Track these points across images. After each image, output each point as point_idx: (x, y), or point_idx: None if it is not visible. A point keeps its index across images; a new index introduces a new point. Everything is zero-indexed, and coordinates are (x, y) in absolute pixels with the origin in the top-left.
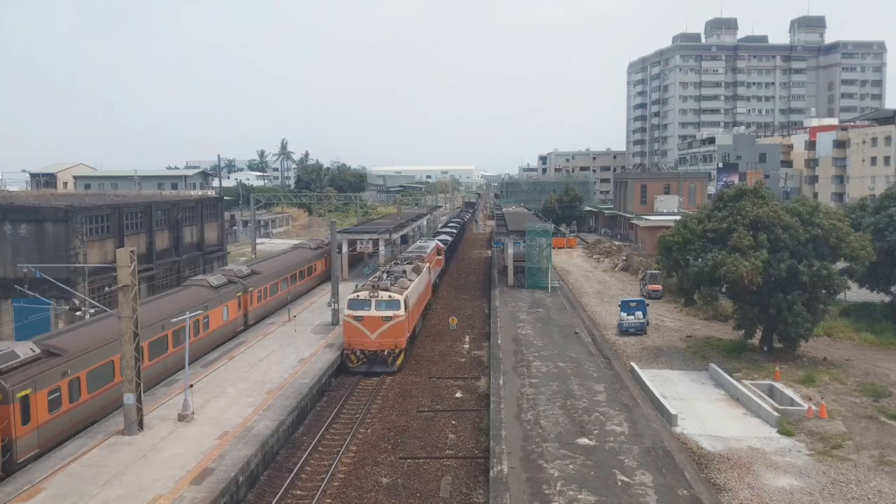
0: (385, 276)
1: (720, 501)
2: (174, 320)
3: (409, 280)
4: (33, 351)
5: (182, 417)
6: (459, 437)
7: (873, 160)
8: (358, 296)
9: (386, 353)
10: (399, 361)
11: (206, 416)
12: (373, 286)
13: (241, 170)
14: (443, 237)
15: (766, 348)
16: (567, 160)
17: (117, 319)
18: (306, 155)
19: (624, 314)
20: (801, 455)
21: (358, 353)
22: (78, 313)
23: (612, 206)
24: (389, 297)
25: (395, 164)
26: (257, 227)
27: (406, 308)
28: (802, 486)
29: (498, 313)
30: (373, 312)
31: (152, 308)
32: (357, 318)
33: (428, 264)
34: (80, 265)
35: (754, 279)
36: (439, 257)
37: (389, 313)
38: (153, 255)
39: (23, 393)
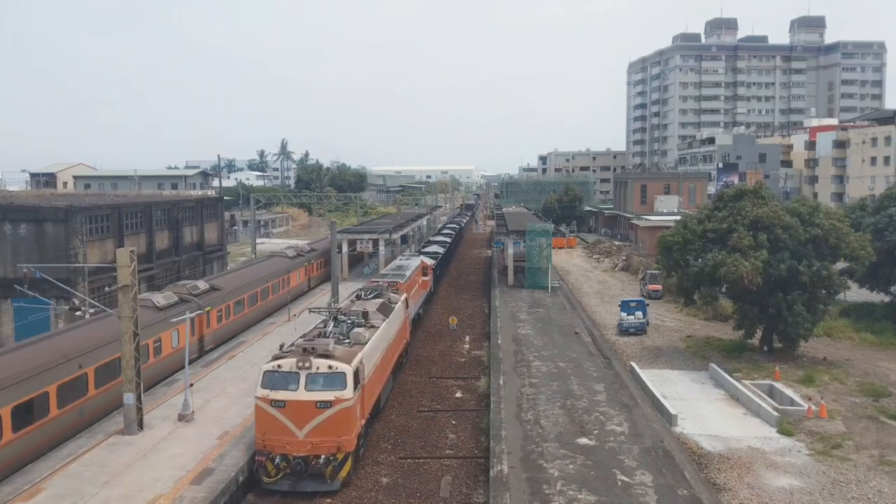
0: (333, 323)
1: (720, 501)
2: (100, 353)
3: (371, 329)
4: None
5: (182, 417)
6: (459, 436)
7: (873, 160)
8: (279, 365)
9: (322, 460)
10: (344, 473)
11: (207, 415)
12: (304, 349)
13: (241, 170)
14: (432, 249)
15: (766, 348)
16: (567, 160)
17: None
18: (306, 155)
19: (624, 314)
20: (801, 455)
21: (277, 459)
22: (78, 313)
23: (612, 206)
24: (330, 368)
25: (395, 164)
26: (257, 227)
27: (357, 383)
28: (802, 486)
29: (498, 313)
30: (302, 395)
31: (67, 341)
32: (276, 404)
33: (406, 294)
34: (80, 265)
35: (754, 279)
36: (425, 278)
37: (329, 396)
38: (153, 255)
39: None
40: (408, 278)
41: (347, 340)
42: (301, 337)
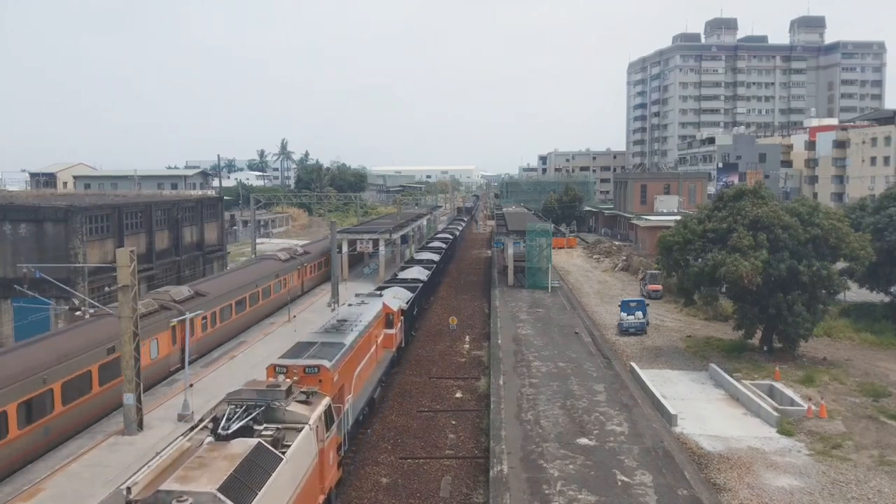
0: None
1: (720, 501)
2: (71, 366)
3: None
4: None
5: (182, 417)
6: (459, 437)
7: (873, 160)
8: None
9: None
10: None
11: None
12: None
13: (241, 170)
14: (413, 273)
15: (765, 348)
16: (567, 160)
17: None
18: (306, 155)
19: (624, 314)
20: (801, 455)
21: None
22: (77, 313)
23: (612, 206)
24: None
25: (395, 164)
26: (257, 226)
27: None
28: (802, 486)
29: (498, 313)
30: None
31: (31, 354)
32: None
33: (336, 386)
34: (80, 265)
35: (754, 279)
36: (390, 331)
37: None
38: (153, 255)
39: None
40: (345, 351)
41: None
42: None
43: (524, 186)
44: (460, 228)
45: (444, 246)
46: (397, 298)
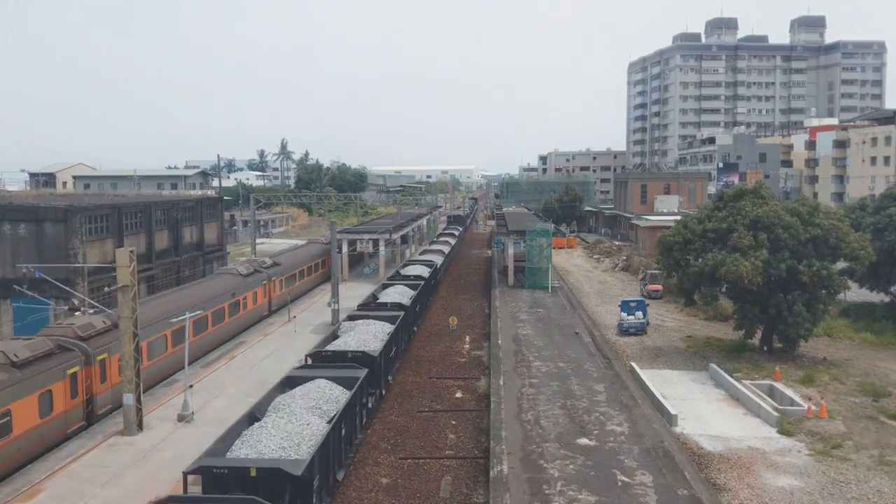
0: None
1: (720, 501)
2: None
3: None
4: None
5: (182, 418)
6: (459, 437)
7: (873, 160)
8: None
9: None
10: None
11: (207, 416)
12: None
13: (241, 169)
14: (365, 335)
15: (766, 348)
16: (567, 160)
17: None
18: (306, 155)
19: (624, 314)
20: (801, 455)
21: None
22: (77, 313)
23: (612, 206)
24: None
25: (395, 164)
26: (257, 227)
27: None
28: (802, 486)
29: (498, 313)
30: None
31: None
32: None
33: None
34: (80, 265)
35: (754, 279)
36: None
37: None
38: (153, 255)
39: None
40: None
41: None
42: None
43: (524, 186)
44: (447, 250)
45: (423, 277)
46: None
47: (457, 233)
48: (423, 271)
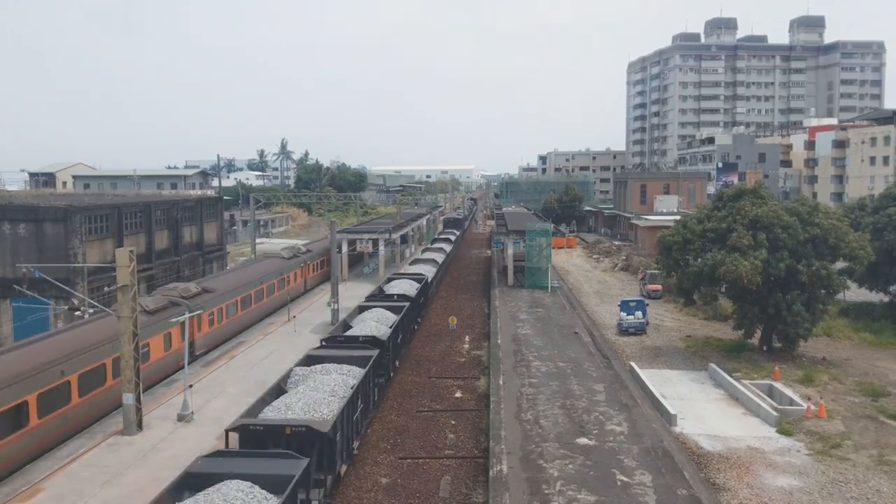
0: None
1: (719, 501)
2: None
3: None
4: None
5: (182, 417)
6: (459, 437)
7: (872, 160)
8: None
9: None
10: None
11: (206, 416)
12: None
13: (241, 169)
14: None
15: (765, 348)
16: (567, 160)
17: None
18: (306, 154)
19: (623, 314)
20: (801, 455)
21: None
22: (77, 313)
23: (611, 206)
24: None
25: (395, 164)
26: (257, 226)
27: None
28: (801, 486)
29: (498, 313)
30: None
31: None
32: None
33: None
34: (80, 265)
35: (753, 279)
36: None
37: None
38: (152, 254)
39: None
40: None
41: None
42: None
43: (524, 186)
44: (432, 272)
45: (401, 309)
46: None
47: (453, 237)
48: (410, 288)
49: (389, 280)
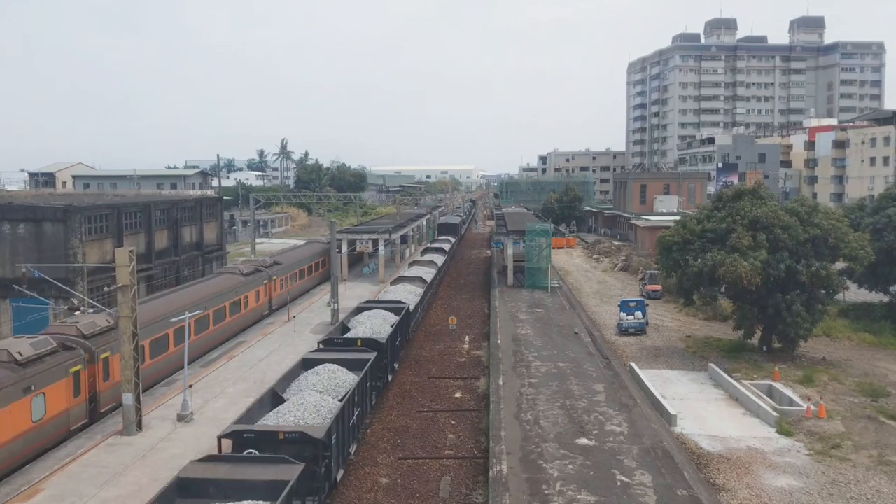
0: None
1: (719, 501)
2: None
3: None
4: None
5: (181, 418)
6: (459, 437)
7: (872, 160)
8: None
9: None
10: None
11: (206, 416)
12: None
13: (241, 169)
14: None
15: (765, 348)
16: (567, 160)
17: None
18: (306, 154)
19: (623, 314)
20: (800, 455)
21: None
22: (77, 313)
23: (611, 206)
24: None
25: (394, 164)
26: (257, 226)
27: None
28: (801, 486)
29: (497, 313)
30: None
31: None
32: None
33: None
34: (79, 265)
35: (753, 279)
36: None
37: None
38: (152, 254)
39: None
40: None
41: None
42: None
43: (524, 186)
44: (414, 298)
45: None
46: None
47: (447, 247)
48: (381, 328)
49: (359, 310)
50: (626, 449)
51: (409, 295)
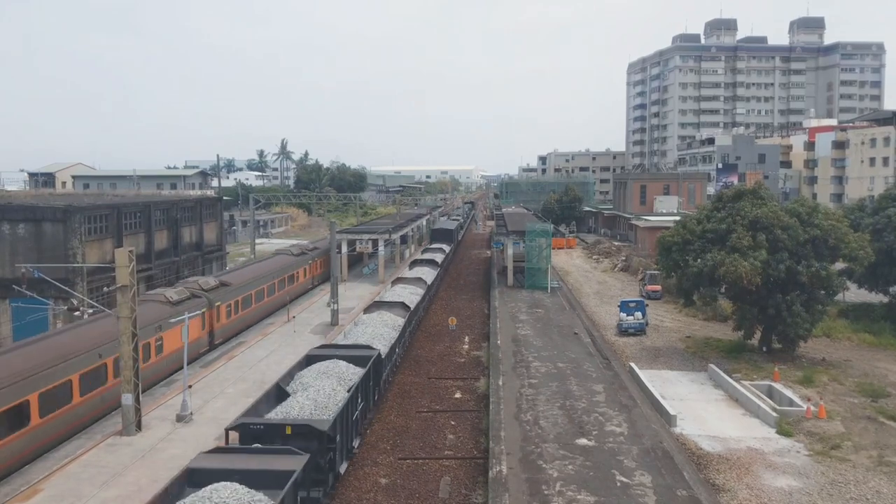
0: None
1: (719, 502)
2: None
3: None
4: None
5: (181, 418)
6: (458, 437)
7: (872, 161)
8: None
9: None
10: None
11: (205, 416)
12: None
13: (241, 169)
14: None
15: (765, 349)
16: (567, 160)
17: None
18: (306, 155)
19: (623, 314)
20: (800, 455)
21: None
22: (77, 313)
23: (611, 207)
24: None
25: (394, 164)
26: (256, 227)
27: None
28: (801, 487)
29: (497, 314)
30: None
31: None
32: None
33: None
34: (79, 265)
35: (753, 279)
36: None
37: None
38: (152, 255)
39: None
40: None
41: None
42: None
43: (524, 187)
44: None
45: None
46: None
47: (440, 258)
48: (331, 397)
49: (309, 361)
50: (626, 449)
51: (390, 327)
